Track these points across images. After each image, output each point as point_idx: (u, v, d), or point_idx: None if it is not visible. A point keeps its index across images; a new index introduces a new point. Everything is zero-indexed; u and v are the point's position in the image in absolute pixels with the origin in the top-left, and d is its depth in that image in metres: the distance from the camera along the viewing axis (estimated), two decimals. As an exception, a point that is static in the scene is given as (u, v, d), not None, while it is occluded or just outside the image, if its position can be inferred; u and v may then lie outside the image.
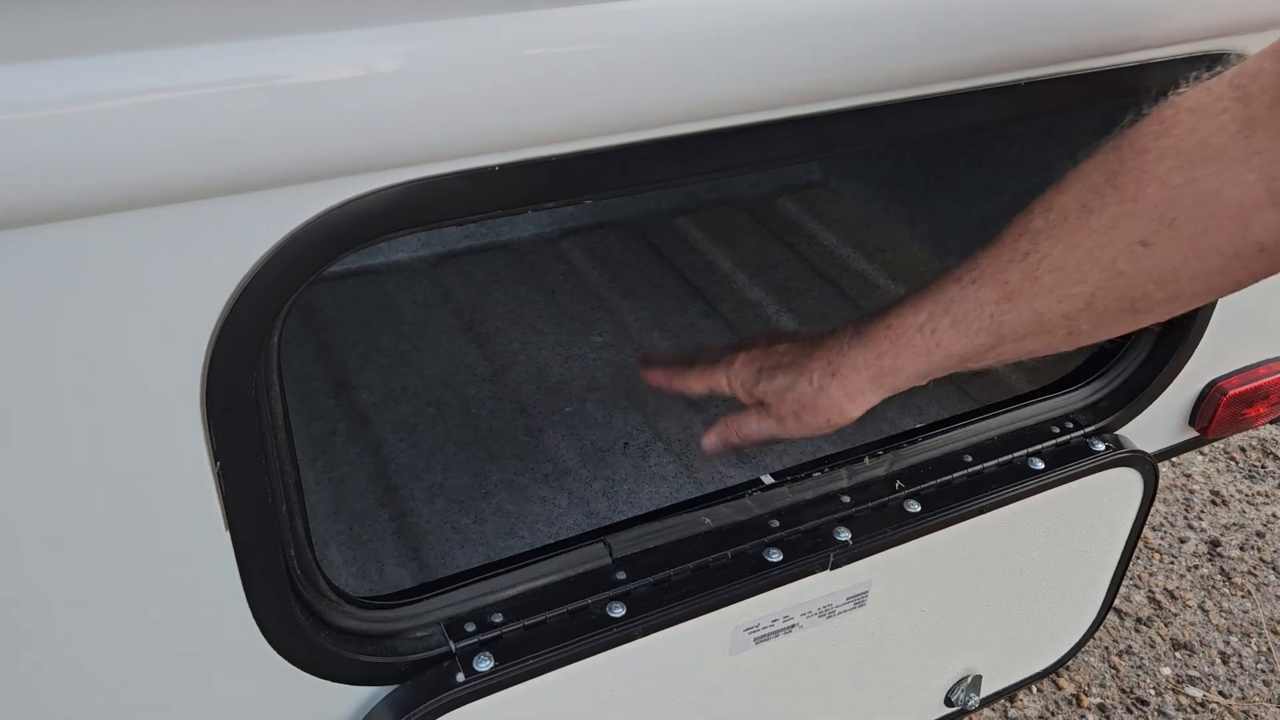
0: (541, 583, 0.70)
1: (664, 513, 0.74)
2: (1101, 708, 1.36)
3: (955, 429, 0.84)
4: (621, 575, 0.71)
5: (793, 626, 0.77)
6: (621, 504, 0.88)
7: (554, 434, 0.95)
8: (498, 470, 0.91)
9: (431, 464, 0.91)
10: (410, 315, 1.10)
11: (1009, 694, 0.98)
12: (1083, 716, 1.34)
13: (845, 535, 0.75)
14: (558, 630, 0.67)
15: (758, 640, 0.76)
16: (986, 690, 0.94)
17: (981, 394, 1.03)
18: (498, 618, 0.67)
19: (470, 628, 0.65)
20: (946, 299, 0.68)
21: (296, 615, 0.59)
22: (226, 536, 0.53)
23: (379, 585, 0.80)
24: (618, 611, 0.68)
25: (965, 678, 0.92)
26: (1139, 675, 1.41)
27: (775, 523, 0.76)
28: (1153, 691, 1.39)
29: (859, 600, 0.79)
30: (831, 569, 0.75)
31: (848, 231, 1.27)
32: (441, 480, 0.90)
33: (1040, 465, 0.82)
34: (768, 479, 0.79)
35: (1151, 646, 1.45)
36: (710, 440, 0.82)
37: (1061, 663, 1.00)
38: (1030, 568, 0.88)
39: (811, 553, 0.74)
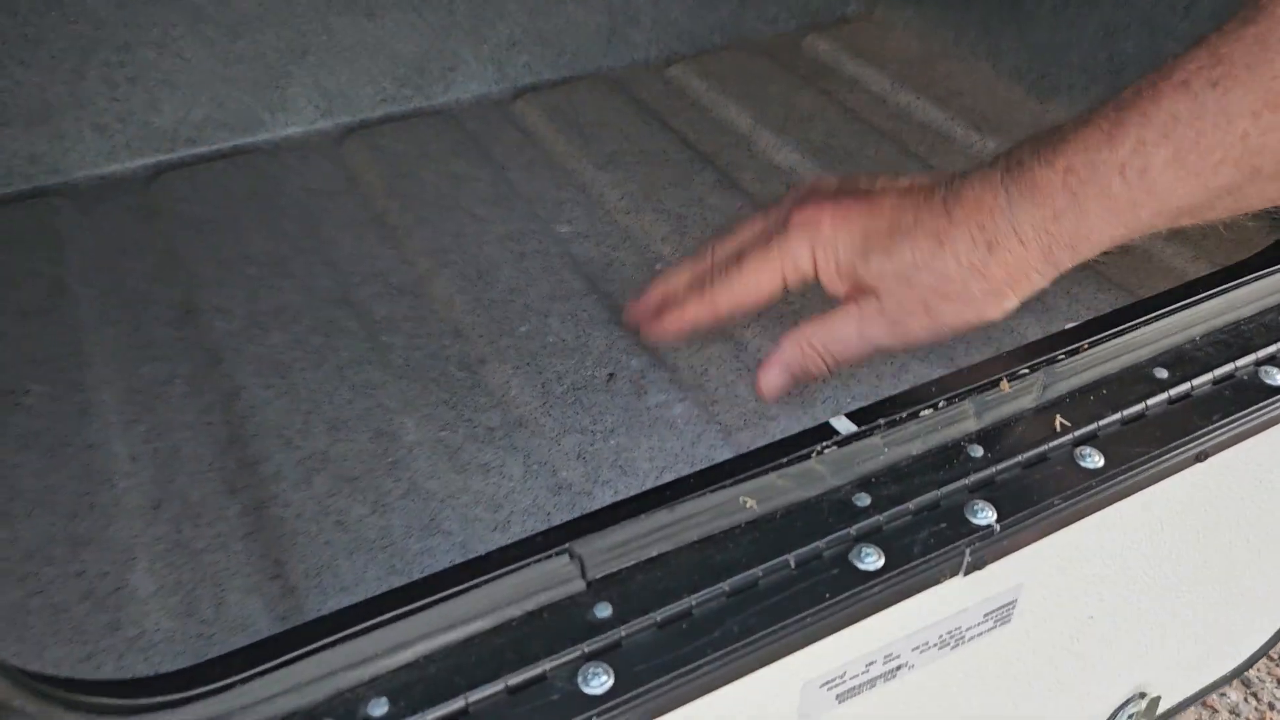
0: (473, 629, 0.39)
1: (671, 491, 0.43)
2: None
3: (1132, 329, 0.52)
4: (603, 611, 0.40)
5: (898, 669, 0.46)
6: (606, 472, 0.57)
7: (501, 367, 0.64)
8: (415, 426, 0.59)
9: (312, 421, 0.60)
10: (299, 207, 0.77)
11: (1178, 713, 0.68)
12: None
13: (987, 516, 0.43)
14: (484, 737, 0.36)
15: (842, 697, 0.45)
16: (1163, 709, 0.64)
17: (1124, 277, 0.71)
18: (379, 710, 0.36)
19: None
20: (1164, 118, 0.42)
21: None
22: None
23: (213, 625, 0.49)
24: (598, 684, 0.37)
25: (1135, 699, 0.62)
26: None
27: (864, 499, 0.44)
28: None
29: (1003, 615, 0.48)
30: (966, 574, 0.44)
31: (905, 71, 0.93)
32: (325, 447, 0.58)
33: (1288, 378, 0.50)
34: (843, 423, 0.47)
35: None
36: (774, 371, 0.52)
37: (1248, 665, 0.69)
38: (1253, 535, 0.56)
39: (934, 550, 0.42)
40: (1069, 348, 0.51)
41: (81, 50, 0.77)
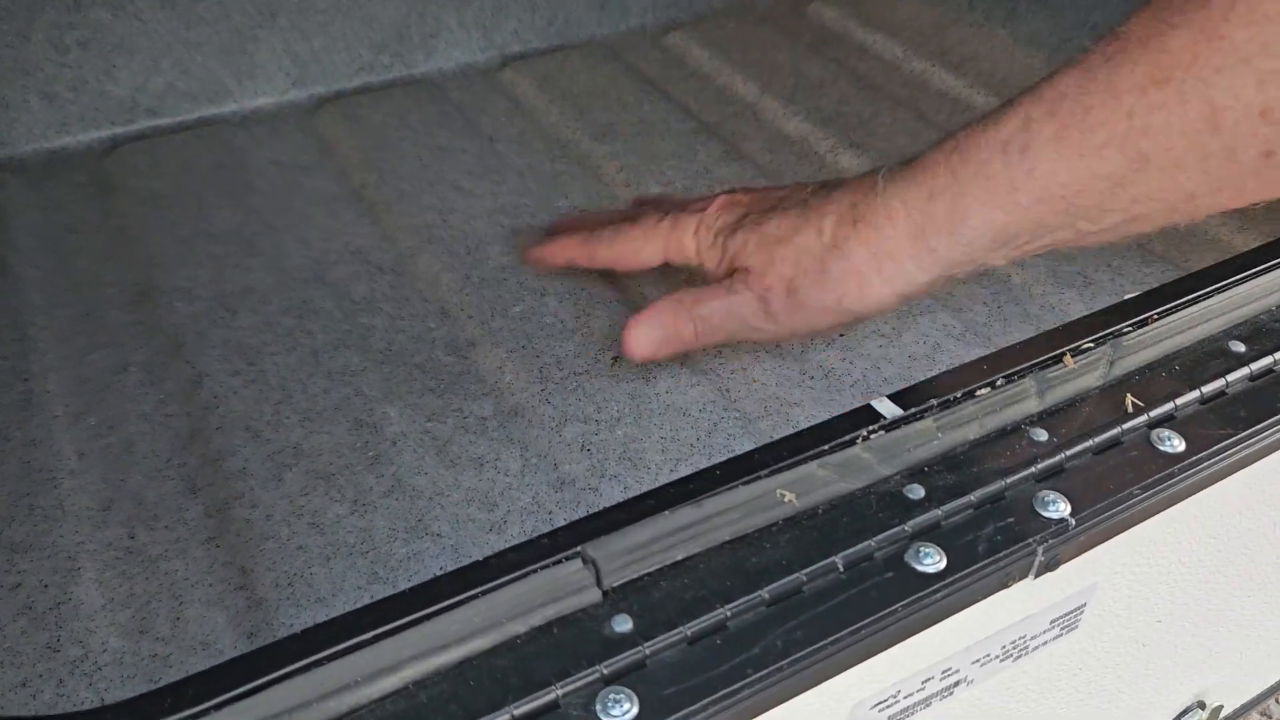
0: (470, 649, 0.33)
1: (696, 484, 0.37)
2: None
3: (1203, 298, 0.47)
4: (623, 625, 0.34)
5: (955, 684, 0.40)
6: (613, 465, 0.51)
7: (494, 350, 0.58)
8: (398, 416, 0.53)
9: (283, 412, 0.53)
10: (268, 182, 0.71)
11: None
12: None
13: (1060, 509, 0.38)
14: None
15: (894, 719, 0.39)
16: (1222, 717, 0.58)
17: (1169, 250, 0.65)
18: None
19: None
20: (1054, 95, 0.40)
21: None
22: None
23: (170, 643, 0.43)
24: (620, 712, 0.32)
25: (1194, 709, 0.56)
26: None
27: (917, 491, 0.38)
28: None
29: (1070, 621, 0.42)
30: (1037, 575, 0.38)
31: (917, 38, 0.88)
32: (299, 440, 0.52)
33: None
34: (887, 405, 0.41)
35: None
36: (638, 330, 0.50)
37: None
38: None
39: (1002, 549, 0.37)
40: (1136, 319, 0.45)
41: (27, 10, 0.70)
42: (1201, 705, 0.56)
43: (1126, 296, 0.48)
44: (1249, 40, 0.35)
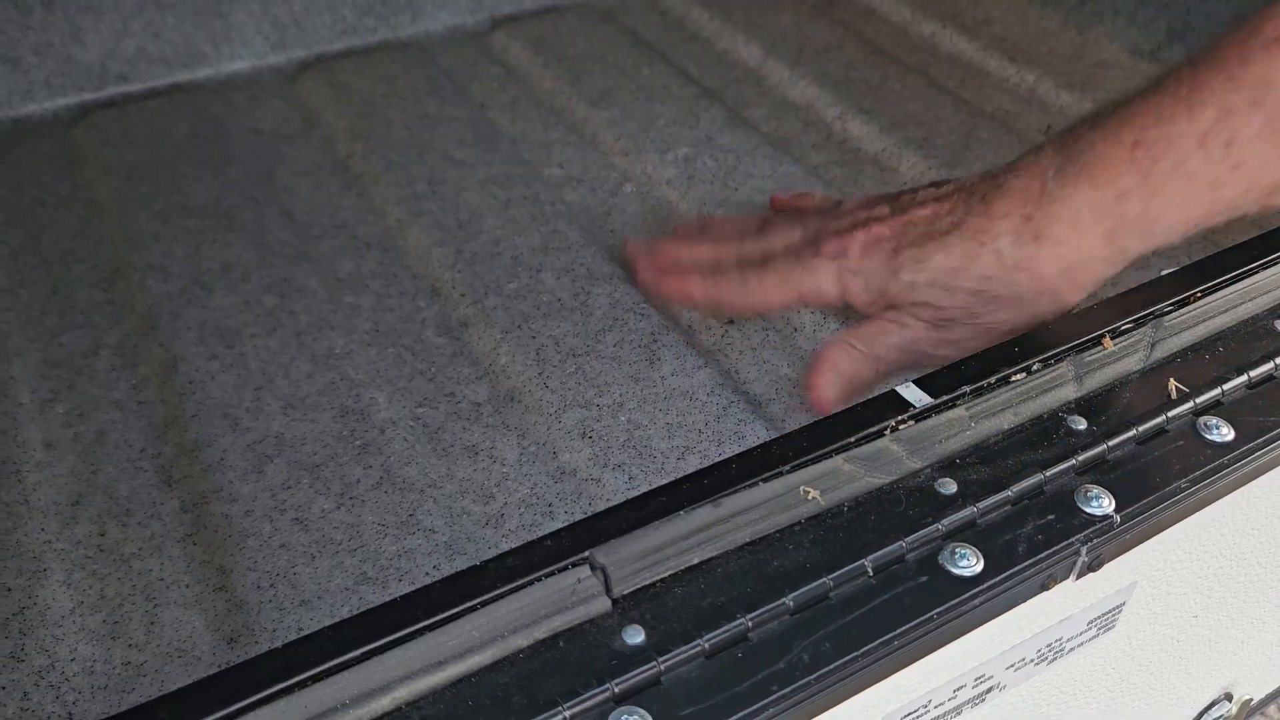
0: (469, 665, 0.30)
1: (711, 480, 0.34)
2: None
3: (1246, 275, 0.44)
4: (634, 637, 0.31)
5: (988, 691, 0.38)
6: (616, 453, 0.48)
7: (488, 331, 0.54)
8: (387, 402, 0.50)
9: (264, 398, 0.50)
10: (248, 152, 0.67)
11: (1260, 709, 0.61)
12: None
13: (1103, 504, 0.35)
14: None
15: (924, 730, 0.37)
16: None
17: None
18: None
19: None
20: (1253, 82, 0.36)
21: None
22: None
23: (144, 650, 0.40)
24: (632, 735, 0.29)
25: (1221, 701, 0.54)
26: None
27: (949, 485, 0.36)
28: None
29: (1107, 622, 0.40)
30: (1079, 576, 0.35)
31: (927, 0, 0.84)
32: (281, 428, 0.49)
33: None
34: (913, 392, 0.39)
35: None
36: (823, 387, 0.45)
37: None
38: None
39: (1044, 549, 0.34)
40: (1177, 298, 0.42)
41: (-14, -32, 0.66)
42: (1229, 697, 0.54)
43: (1164, 272, 0.45)
44: None
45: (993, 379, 0.38)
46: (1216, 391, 0.39)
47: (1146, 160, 0.39)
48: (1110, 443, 0.37)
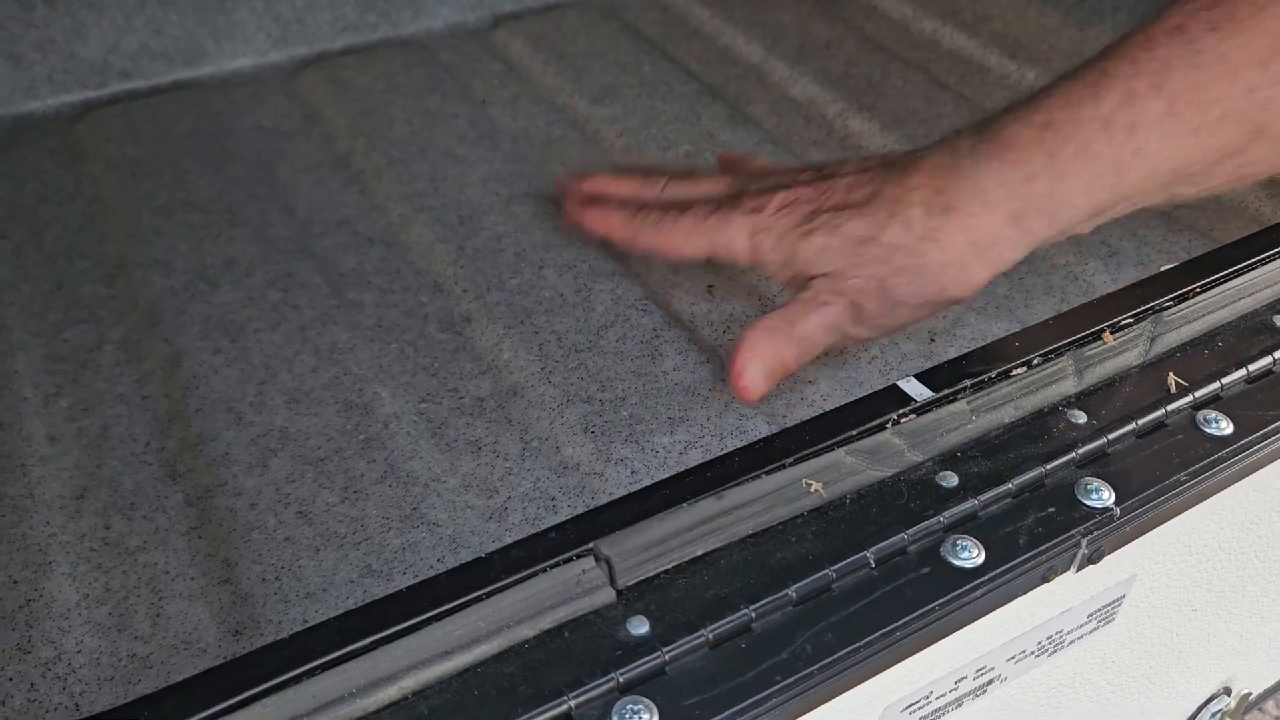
0: (475, 656, 0.31)
1: (714, 473, 0.35)
2: None
3: (1245, 270, 0.44)
4: (639, 628, 0.31)
5: (989, 683, 0.38)
6: (619, 447, 0.48)
7: (491, 326, 0.54)
8: (390, 397, 0.50)
9: (268, 393, 0.50)
10: (250, 148, 0.67)
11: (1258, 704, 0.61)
12: None
13: (1103, 497, 0.35)
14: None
15: (925, 721, 0.37)
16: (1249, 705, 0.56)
17: (1194, 218, 0.62)
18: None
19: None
20: (1156, 66, 0.37)
21: None
22: None
23: (150, 642, 0.40)
24: (638, 724, 0.29)
25: (1220, 695, 0.54)
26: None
27: (950, 478, 0.36)
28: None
29: (1107, 614, 0.40)
30: (1079, 568, 0.35)
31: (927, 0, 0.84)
32: (285, 423, 0.49)
33: None
34: (915, 386, 0.39)
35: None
36: (747, 371, 0.45)
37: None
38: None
39: (1044, 541, 0.34)
40: (1176, 293, 0.42)
41: (-11, -36, 0.66)
42: (1227, 691, 0.54)
43: (1163, 268, 0.45)
44: None
45: (994, 373, 0.39)
46: (1215, 386, 0.39)
47: (1054, 141, 0.39)
48: (1110, 436, 0.37)
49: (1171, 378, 0.40)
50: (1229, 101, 0.36)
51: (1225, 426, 0.38)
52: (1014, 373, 0.39)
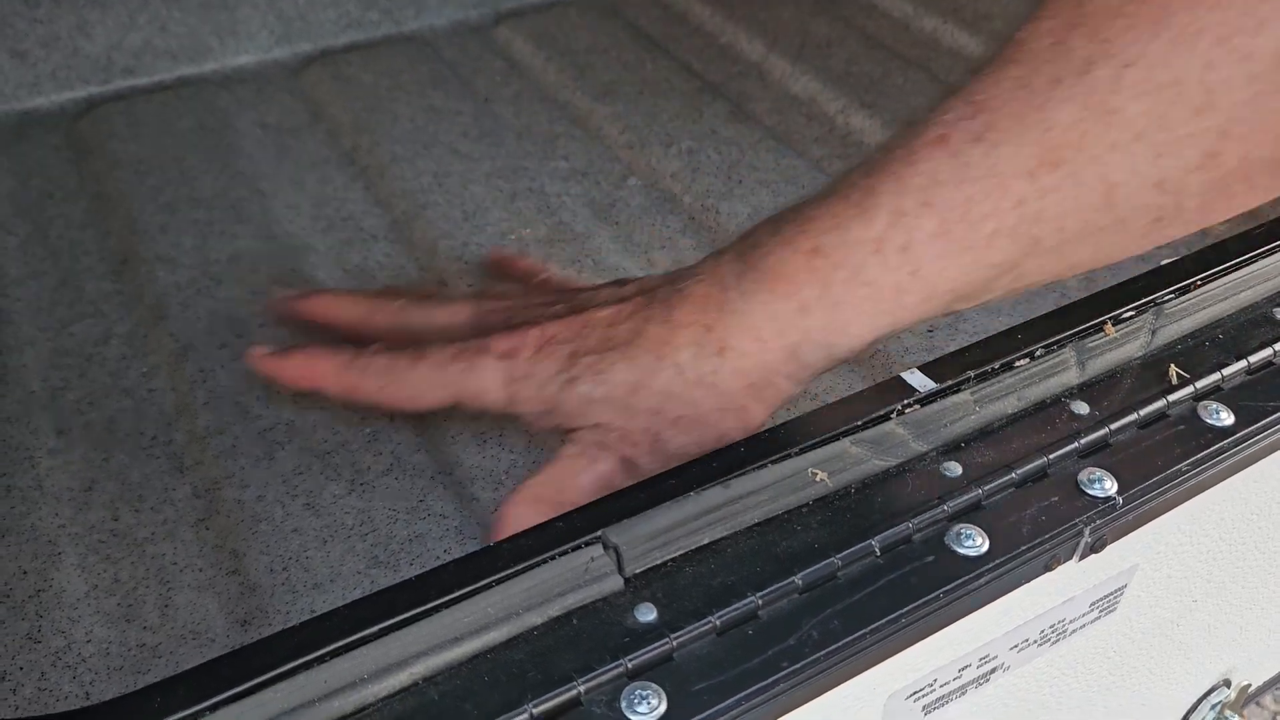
0: (484, 642, 0.31)
1: (720, 462, 0.35)
2: None
3: (1245, 263, 0.44)
4: (647, 615, 0.32)
5: (992, 671, 0.38)
6: (625, 439, 0.48)
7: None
8: (396, 389, 0.51)
9: (273, 387, 0.51)
10: (254, 145, 0.68)
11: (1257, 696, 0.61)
12: None
13: (1106, 487, 0.36)
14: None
15: (929, 708, 0.37)
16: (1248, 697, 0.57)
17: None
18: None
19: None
20: (921, 182, 0.35)
21: None
22: None
23: (158, 632, 0.41)
24: (647, 709, 0.29)
25: (1220, 688, 0.55)
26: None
27: (954, 468, 0.36)
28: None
29: (1109, 604, 0.40)
30: (1082, 557, 0.36)
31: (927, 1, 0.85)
32: (291, 416, 0.49)
33: None
34: (918, 378, 0.39)
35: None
36: (512, 516, 0.39)
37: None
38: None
39: (1048, 530, 0.34)
40: (1177, 285, 0.43)
41: (-6, -39, 0.66)
42: (1227, 683, 0.54)
43: (1164, 262, 0.46)
44: (1143, 114, 0.32)
45: (997, 364, 0.39)
46: (1216, 377, 0.40)
47: (825, 268, 0.36)
48: (1112, 427, 0.37)
49: (1173, 369, 0.40)
50: (1000, 216, 0.34)
51: (1226, 417, 0.38)
52: (1017, 364, 0.39)
